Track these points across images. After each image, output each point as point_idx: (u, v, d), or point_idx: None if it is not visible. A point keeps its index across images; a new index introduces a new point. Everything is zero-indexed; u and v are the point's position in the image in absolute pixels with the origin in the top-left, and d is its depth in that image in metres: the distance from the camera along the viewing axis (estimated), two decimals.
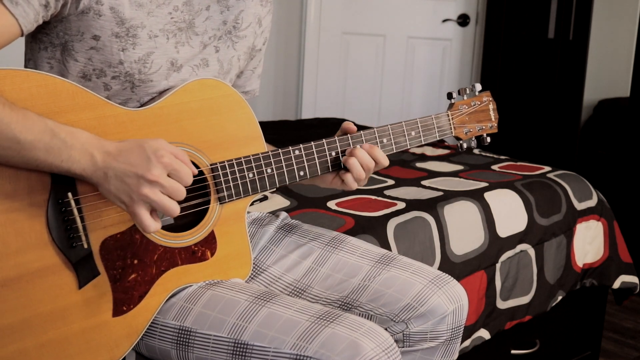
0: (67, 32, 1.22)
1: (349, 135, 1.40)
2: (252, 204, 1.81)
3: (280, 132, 2.90)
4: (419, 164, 2.54)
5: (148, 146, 1.13)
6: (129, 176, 1.11)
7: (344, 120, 3.38)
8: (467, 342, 2.01)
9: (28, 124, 1.07)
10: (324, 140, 1.38)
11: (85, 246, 1.16)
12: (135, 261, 1.22)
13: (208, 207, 1.29)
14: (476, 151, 2.80)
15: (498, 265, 2.11)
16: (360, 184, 1.39)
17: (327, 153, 1.38)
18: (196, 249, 1.29)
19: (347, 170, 1.38)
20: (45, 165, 1.10)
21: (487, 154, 2.77)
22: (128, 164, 1.11)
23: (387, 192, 2.15)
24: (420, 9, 4.07)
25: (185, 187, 1.15)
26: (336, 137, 1.39)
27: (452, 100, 1.53)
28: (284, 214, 1.61)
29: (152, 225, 1.13)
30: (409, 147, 1.46)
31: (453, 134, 1.53)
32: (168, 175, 1.13)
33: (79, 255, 1.16)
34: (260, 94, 4.16)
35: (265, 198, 2.02)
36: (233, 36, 1.40)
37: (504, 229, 2.14)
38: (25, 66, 1.31)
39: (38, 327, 1.13)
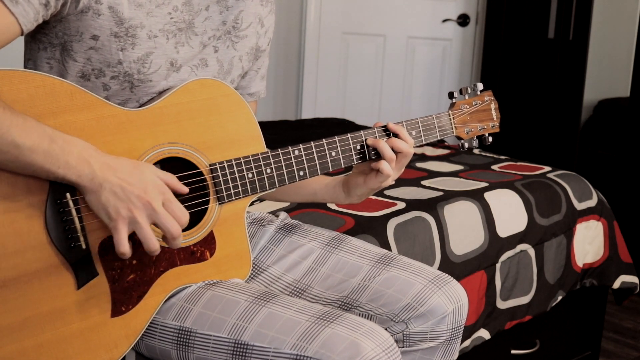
0: (66, 32, 1.22)
1: (349, 134, 1.39)
2: (251, 204, 1.80)
3: (280, 132, 2.90)
4: (419, 164, 2.54)
5: (147, 169, 1.14)
6: (124, 192, 1.11)
7: (344, 120, 3.38)
8: (467, 342, 2.01)
9: (27, 128, 1.07)
10: (323, 140, 1.38)
11: (84, 247, 1.16)
12: (134, 261, 1.22)
13: (207, 208, 1.29)
14: (476, 151, 2.79)
15: (498, 265, 2.11)
16: (394, 172, 1.39)
17: (327, 153, 1.37)
18: (195, 249, 1.29)
19: (377, 159, 1.38)
20: (42, 171, 1.09)
21: (487, 154, 2.76)
22: (126, 182, 1.12)
23: (387, 192, 2.15)
24: (420, 9, 4.07)
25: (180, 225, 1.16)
26: (336, 137, 1.39)
27: (454, 100, 1.53)
28: (284, 214, 1.60)
29: (126, 248, 1.12)
30: None
31: (454, 134, 1.53)
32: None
33: (77, 256, 1.15)
34: None
35: (264, 198, 2.02)
36: (233, 36, 1.40)
37: (504, 229, 2.14)
38: (25, 66, 1.30)
39: (36, 328, 1.13)
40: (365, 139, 1.39)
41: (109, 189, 1.11)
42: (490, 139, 1.58)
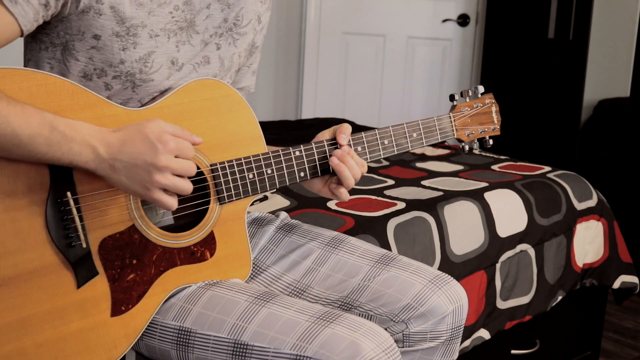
0: (68, 31, 1.22)
1: (350, 137, 1.39)
2: (252, 204, 1.80)
3: (280, 132, 2.90)
4: (419, 164, 2.54)
5: (150, 132, 1.13)
6: (138, 166, 1.11)
7: (344, 120, 3.38)
8: (467, 342, 2.01)
9: (26, 117, 1.07)
10: (324, 140, 1.38)
11: (84, 246, 1.16)
12: (134, 261, 1.22)
13: (208, 208, 1.29)
14: (476, 151, 2.79)
15: (498, 265, 2.11)
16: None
17: (328, 154, 1.37)
18: (195, 249, 1.29)
19: (339, 182, 1.37)
20: (46, 158, 1.09)
21: (487, 154, 2.76)
22: (135, 153, 1.11)
23: (387, 192, 2.15)
24: (420, 9, 4.07)
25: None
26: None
27: (455, 102, 1.53)
28: (284, 214, 1.60)
29: (173, 203, 1.15)
30: (410, 148, 1.46)
31: (455, 136, 1.53)
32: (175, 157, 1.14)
33: (77, 255, 1.15)
34: (260, 94, 4.17)
35: (265, 198, 2.02)
36: (234, 33, 1.40)
37: (504, 229, 2.14)
38: (25, 66, 1.30)
39: (36, 327, 1.13)
40: (330, 156, 1.37)
41: (122, 167, 1.11)
42: (490, 141, 1.59)
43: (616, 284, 2.49)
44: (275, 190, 1.34)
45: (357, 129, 2.89)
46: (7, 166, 1.10)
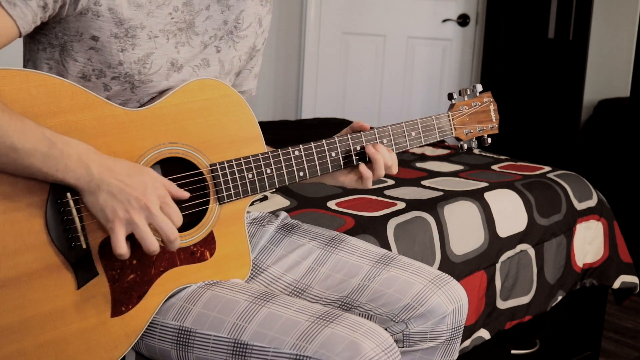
0: (66, 32, 1.22)
1: (349, 135, 1.40)
2: (252, 204, 1.80)
3: (280, 132, 2.90)
4: (419, 164, 2.54)
5: (147, 173, 1.14)
6: (122, 193, 1.11)
7: (343, 120, 3.38)
8: (467, 342, 2.01)
9: (26, 132, 1.07)
10: (323, 140, 1.38)
11: (84, 246, 1.16)
12: (134, 261, 1.22)
13: (207, 208, 1.29)
14: (476, 151, 2.79)
15: (498, 265, 2.11)
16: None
17: (327, 154, 1.38)
18: (195, 249, 1.29)
19: (362, 167, 1.39)
20: (40, 174, 1.09)
21: (487, 154, 2.77)
22: (124, 184, 1.12)
23: (387, 192, 2.15)
24: (420, 9, 4.07)
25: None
26: (336, 138, 1.39)
27: (453, 101, 1.53)
28: (283, 214, 1.60)
29: (124, 249, 1.12)
30: (409, 147, 1.46)
31: (454, 135, 1.53)
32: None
33: (77, 256, 1.15)
34: (260, 94, 4.17)
35: (265, 198, 2.02)
36: (234, 36, 1.40)
37: (504, 229, 2.14)
38: (24, 67, 1.30)
39: (37, 328, 1.13)
40: (364, 145, 1.39)
41: (106, 190, 1.11)
42: (489, 140, 1.59)
43: (616, 284, 2.49)
44: (274, 190, 1.34)
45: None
46: None
